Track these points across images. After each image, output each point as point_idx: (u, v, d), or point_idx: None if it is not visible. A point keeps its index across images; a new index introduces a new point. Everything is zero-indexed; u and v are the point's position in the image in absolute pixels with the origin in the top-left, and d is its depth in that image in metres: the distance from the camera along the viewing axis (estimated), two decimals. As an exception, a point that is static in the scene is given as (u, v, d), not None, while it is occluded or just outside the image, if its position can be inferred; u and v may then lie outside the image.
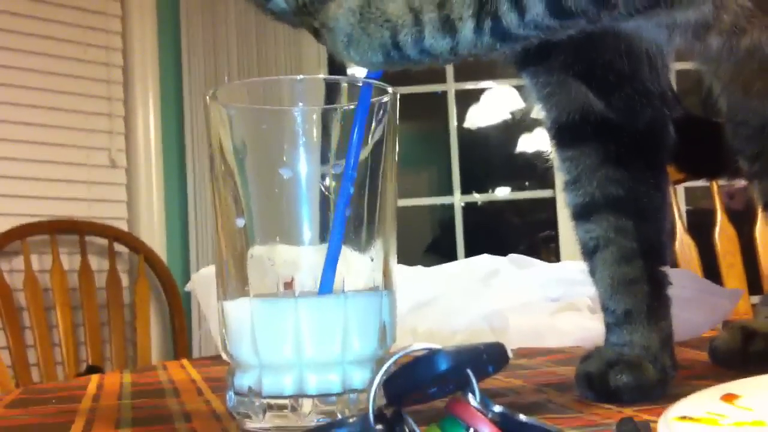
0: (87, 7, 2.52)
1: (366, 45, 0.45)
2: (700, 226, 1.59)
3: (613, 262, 0.55)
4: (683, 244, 1.51)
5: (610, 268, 0.55)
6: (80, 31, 2.50)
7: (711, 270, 1.49)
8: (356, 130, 0.47)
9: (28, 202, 2.34)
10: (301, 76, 0.50)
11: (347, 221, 0.47)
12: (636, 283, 0.54)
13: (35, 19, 2.39)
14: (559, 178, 0.60)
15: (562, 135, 0.58)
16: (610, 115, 0.56)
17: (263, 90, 0.54)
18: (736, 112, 0.63)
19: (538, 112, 0.59)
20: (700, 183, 2.05)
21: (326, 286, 0.46)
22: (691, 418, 0.29)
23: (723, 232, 1.52)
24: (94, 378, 0.77)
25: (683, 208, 2.24)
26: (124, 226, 2.55)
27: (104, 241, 2.41)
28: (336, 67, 2.74)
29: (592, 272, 0.57)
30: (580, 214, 0.57)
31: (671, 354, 0.54)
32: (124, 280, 2.46)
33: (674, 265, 1.37)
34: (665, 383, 0.52)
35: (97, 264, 2.40)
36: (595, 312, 0.58)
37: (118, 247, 2.44)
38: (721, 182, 1.54)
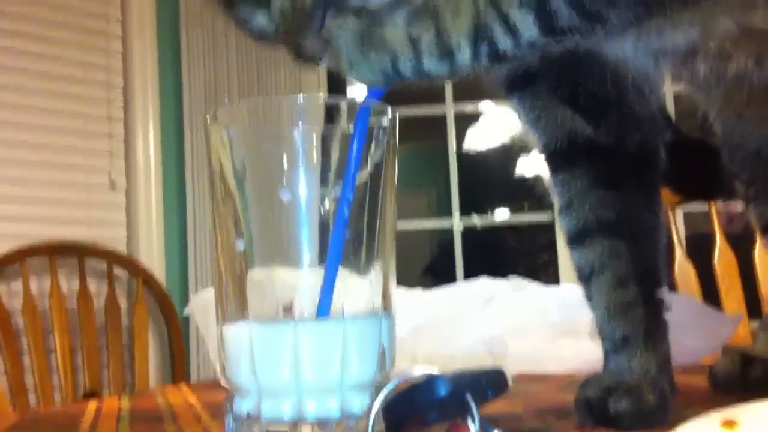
0: (87, 28, 2.53)
1: (366, 68, 0.46)
2: (700, 251, 1.59)
3: (608, 287, 0.55)
4: (682, 268, 1.51)
5: (606, 294, 0.55)
6: (80, 52, 2.51)
7: (710, 294, 1.49)
8: (354, 151, 0.47)
9: (26, 224, 2.34)
10: (301, 96, 0.50)
11: (346, 243, 0.47)
12: (632, 307, 0.54)
13: (35, 39, 2.40)
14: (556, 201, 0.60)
15: (552, 159, 0.58)
16: (599, 138, 0.56)
17: (263, 110, 0.54)
18: (732, 136, 0.63)
19: (529, 136, 0.59)
20: (700, 208, 2.05)
21: (324, 309, 0.46)
22: (691, 445, 0.29)
23: (722, 256, 1.52)
24: (92, 403, 0.77)
25: (682, 233, 2.23)
26: (123, 248, 2.54)
27: (103, 265, 2.41)
28: (336, 88, 2.75)
29: (589, 297, 0.57)
30: (575, 240, 0.57)
31: (670, 379, 0.54)
32: (123, 303, 2.45)
33: (673, 289, 1.36)
34: (665, 408, 0.52)
35: (96, 287, 2.40)
36: (595, 337, 0.58)
37: (117, 271, 2.44)
38: (719, 205, 1.54)
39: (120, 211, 2.59)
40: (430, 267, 3.67)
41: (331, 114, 0.51)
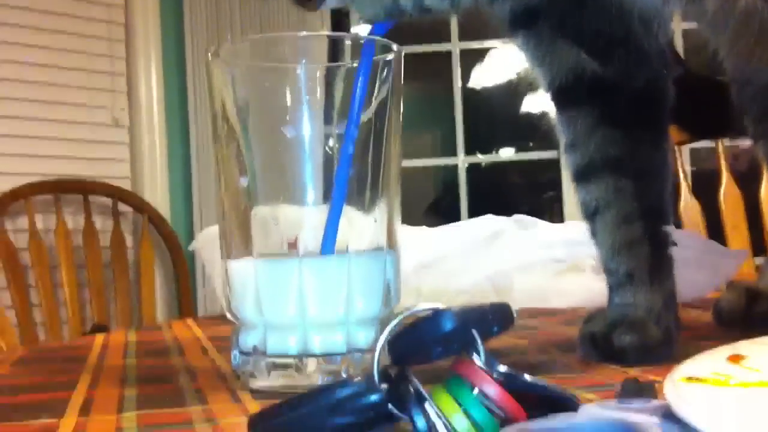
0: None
1: (367, 3, 0.45)
2: (705, 188, 1.59)
3: (613, 223, 0.55)
4: (688, 205, 1.51)
5: (611, 230, 0.55)
6: (81, -11, 2.48)
7: (715, 231, 1.49)
8: (358, 87, 0.47)
9: (30, 161, 2.34)
10: (304, 33, 0.50)
11: (351, 181, 0.47)
12: (637, 244, 0.54)
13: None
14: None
15: (558, 97, 0.57)
16: (605, 75, 0.55)
17: (266, 48, 0.53)
18: (741, 72, 0.62)
19: (535, 74, 0.59)
20: (705, 144, 2.03)
21: (328, 245, 0.46)
22: (697, 379, 0.29)
23: (728, 194, 1.52)
24: (99, 337, 0.78)
25: (688, 169, 2.23)
26: (127, 186, 2.54)
27: (108, 201, 2.41)
28: (339, 27, 2.71)
29: (594, 234, 0.57)
30: (580, 176, 0.57)
31: (675, 314, 0.54)
32: (128, 240, 2.47)
33: (678, 226, 1.36)
34: (670, 343, 0.52)
35: (101, 224, 2.41)
36: (599, 273, 0.58)
37: (122, 207, 2.44)
38: (726, 142, 1.53)
39: (123, 148, 2.58)
40: (434, 205, 3.68)
41: (334, 51, 0.50)
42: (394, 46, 0.49)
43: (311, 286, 0.46)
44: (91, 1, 2.50)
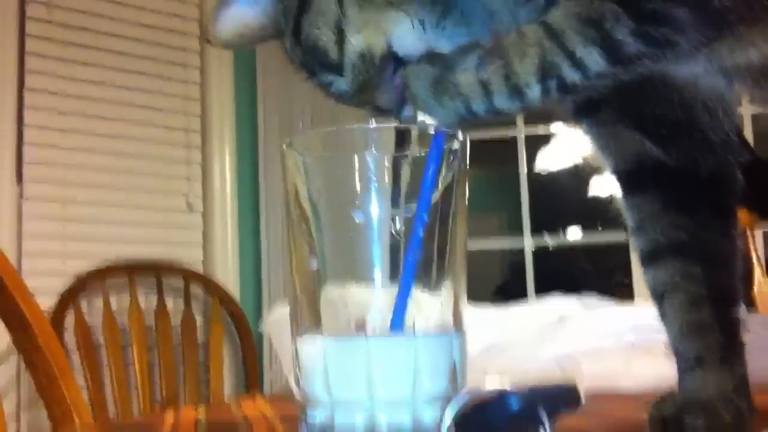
0: (167, 59, 2.62)
1: (442, 113, 0.48)
2: (780, 271, 1.54)
3: (681, 307, 0.54)
4: (761, 289, 1.47)
5: (679, 314, 0.55)
6: (160, 82, 2.60)
7: (792, 315, 1.44)
8: (429, 174, 0.49)
9: (107, 244, 2.42)
10: (374, 124, 0.52)
11: (418, 263, 0.48)
12: (707, 327, 0.54)
13: (116, 70, 2.50)
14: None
15: (623, 182, 0.58)
16: (669, 162, 0.55)
17: (336, 138, 0.55)
18: None
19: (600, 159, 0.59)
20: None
21: (397, 324, 0.47)
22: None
23: (804, 277, 1.47)
24: (170, 413, 0.79)
25: (761, 253, 2.17)
26: (199, 268, 2.60)
27: (180, 283, 2.47)
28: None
29: (663, 317, 0.56)
30: (647, 260, 0.57)
31: (748, 398, 0.53)
32: (199, 320, 2.51)
33: (752, 309, 1.33)
34: (742, 427, 0.51)
35: (173, 305, 2.46)
36: (670, 356, 0.57)
37: (194, 289, 2.49)
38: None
39: (197, 233, 2.66)
40: (501, 288, 3.64)
41: (401, 140, 0.52)
42: (460, 135, 0.51)
43: (379, 365, 0.47)
44: (167, 93, 2.62)
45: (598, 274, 3.50)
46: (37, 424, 2.07)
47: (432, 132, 0.50)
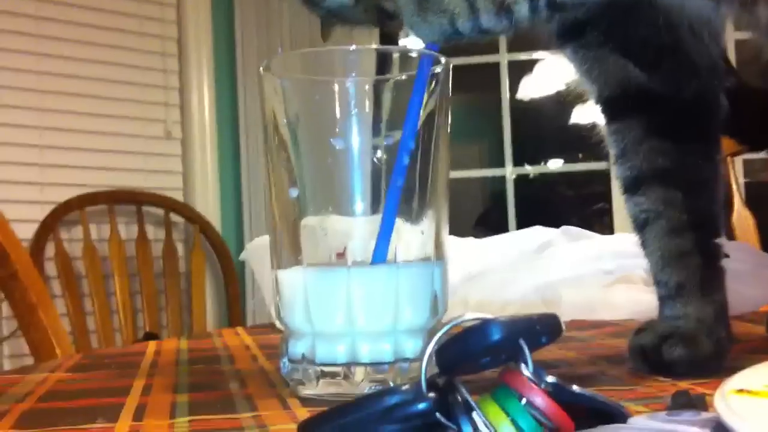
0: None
1: (426, 30, 0.46)
2: (759, 199, 1.56)
3: (663, 234, 0.54)
4: (741, 216, 1.48)
5: (661, 241, 0.54)
6: (135, 5, 2.54)
7: (769, 243, 1.46)
8: (415, 99, 0.47)
9: (85, 172, 2.40)
10: (354, 47, 0.50)
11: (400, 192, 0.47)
12: (688, 255, 0.54)
13: (92, -5, 2.43)
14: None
15: (606, 108, 0.57)
16: (653, 86, 0.55)
17: (316, 61, 0.54)
18: None
19: (584, 85, 0.58)
20: (759, 155, 1.99)
21: (380, 256, 0.47)
22: (748, 392, 0.29)
23: (783, 205, 1.48)
24: (152, 344, 0.79)
25: (741, 180, 2.18)
26: (179, 197, 2.59)
27: (161, 212, 2.46)
28: (388, 41, 2.72)
29: (644, 245, 0.56)
30: (629, 188, 0.56)
31: (726, 326, 0.53)
32: (180, 249, 2.51)
33: (731, 238, 1.34)
34: (721, 356, 0.51)
35: (154, 234, 2.45)
36: (650, 285, 0.57)
37: (174, 218, 2.49)
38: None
39: (176, 160, 2.63)
40: (482, 217, 3.66)
41: (382, 64, 0.51)
42: (443, 59, 0.49)
43: (360, 295, 0.47)
44: (144, 16, 2.55)
45: (578, 203, 3.52)
46: (21, 352, 2.08)
47: (415, 55, 0.48)
